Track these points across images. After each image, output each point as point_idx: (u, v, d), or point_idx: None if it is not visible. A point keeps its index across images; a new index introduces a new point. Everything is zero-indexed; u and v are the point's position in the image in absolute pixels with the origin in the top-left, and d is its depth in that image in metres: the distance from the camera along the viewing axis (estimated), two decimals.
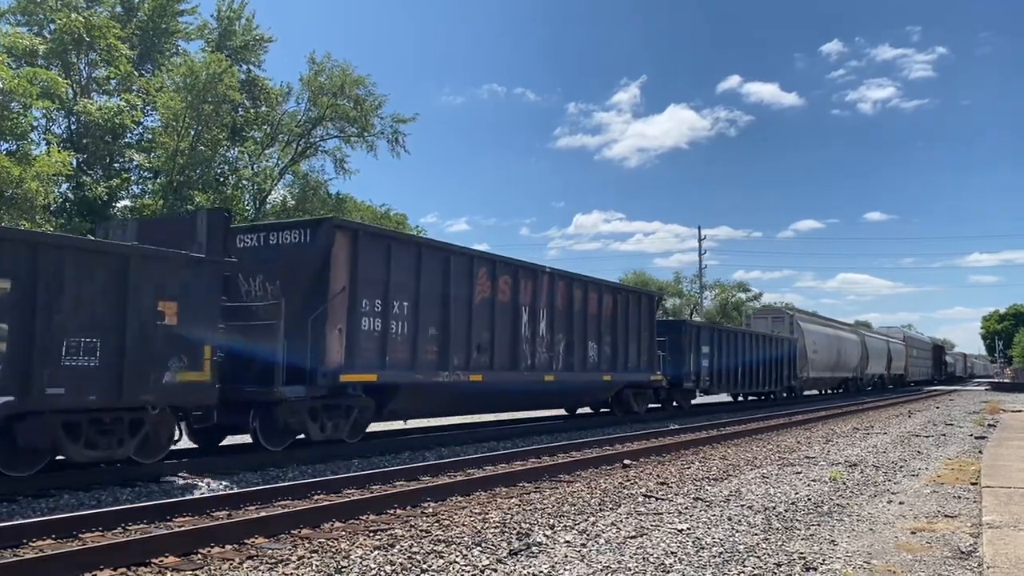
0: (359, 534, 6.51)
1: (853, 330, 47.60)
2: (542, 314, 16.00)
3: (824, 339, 37.99)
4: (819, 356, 36.70)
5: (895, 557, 6.01)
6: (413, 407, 13.39)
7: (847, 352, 41.87)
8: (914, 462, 12.18)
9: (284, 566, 5.46)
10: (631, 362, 19.57)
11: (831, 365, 39.07)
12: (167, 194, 29.15)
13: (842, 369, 41.43)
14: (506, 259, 15.66)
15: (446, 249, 13.75)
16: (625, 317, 19.41)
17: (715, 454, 12.90)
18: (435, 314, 13.08)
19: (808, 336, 35.40)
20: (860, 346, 44.86)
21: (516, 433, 15.89)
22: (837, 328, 43.79)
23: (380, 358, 11.90)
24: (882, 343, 52.36)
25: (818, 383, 39.32)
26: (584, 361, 17.48)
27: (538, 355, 15.79)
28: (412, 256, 12.76)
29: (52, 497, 8.04)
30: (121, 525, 6.64)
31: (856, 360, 43.75)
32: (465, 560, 5.67)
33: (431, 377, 12.85)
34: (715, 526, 7.02)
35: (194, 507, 7.33)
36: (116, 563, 5.38)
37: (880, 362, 50.30)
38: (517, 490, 8.98)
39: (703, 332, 24.99)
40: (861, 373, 45.34)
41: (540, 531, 6.68)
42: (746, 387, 28.39)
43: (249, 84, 34.16)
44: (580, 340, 17.36)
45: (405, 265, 12.52)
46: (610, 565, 5.61)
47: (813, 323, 38.94)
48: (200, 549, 5.87)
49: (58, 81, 26.12)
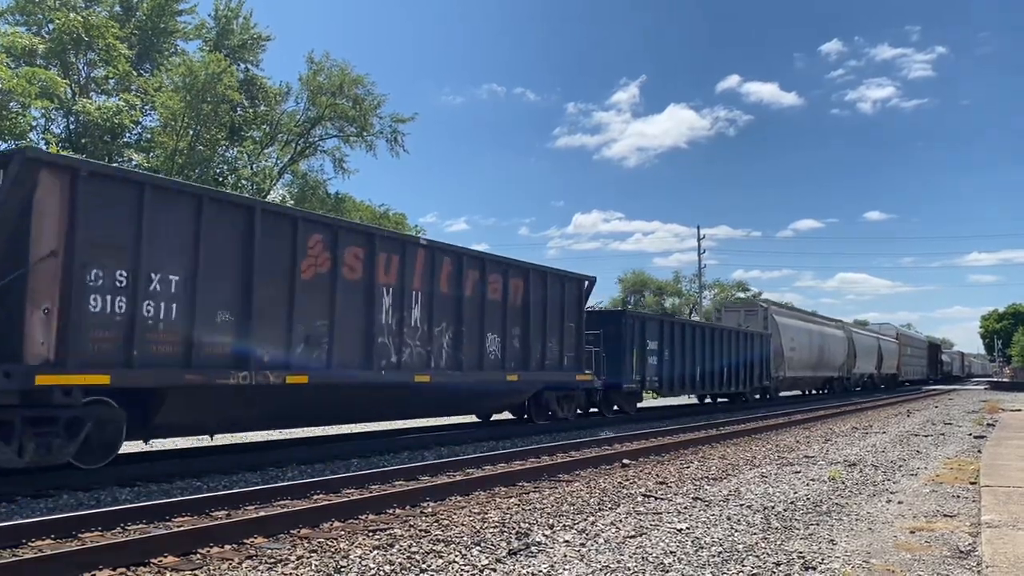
0: (358, 534, 6.51)
1: (839, 326, 44.27)
2: (415, 298, 12.90)
3: (804, 335, 35.40)
4: (798, 354, 33.92)
5: (894, 556, 6.01)
6: (196, 419, 10.29)
7: (831, 349, 39.13)
8: (913, 461, 12.18)
9: (283, 566, 5.46)
10: (550, 359, 16.40)
11: (812, 363, 36.43)
12: None
13: (825, 368, 38.69)
14: (357, 225, 12.93)
15: (248, 205, 10.59)
16: (542, 305, 16.15)
17: (714, 453, 12.90)
18: (228, 292, 9.94)
19: (785, 332, 32.63)
20: (846, 343, 42.42)
21: (516, 433, 15.89)
22: (820, 323, 41.01)
23: (124, 352, 8.77)
24: (872, 340, 49.69)
25: (798, 383, 36.55)
26: (480, 358, 14.39)
27: (407, 350, 12.73)
28: (186, 211, 9.51)
29: (51, 497, 8.04)
30: (120, 525, 6.63)
31: (842, 358, 41.22)
32: (464, 560, 5.67)
33: (219, 378, 9.67)
34: (714, 526, 7.02)
35: (193, 507, 7.33)
36: (115, 563, 5.37)
37: (869, 360, 47.91)
38: (516, 490, 8.98)
39: (649, 325, 21.67)
40: (848, 372, 42.85)
41: (539, 531, 6.68)
42: (709, 388, 25.67)
43: (248, 84, 34.14)
44: (474, 332, 14.23)
45: (174, 223, 9.34)
46: (609, 565, 5.61)
47: (791, 317, 35.98)
48: (199, 549, 5.86)
49: (57, 81, 26.11)
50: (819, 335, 37.90)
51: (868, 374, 48.34)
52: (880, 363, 50.22)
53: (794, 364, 33.39)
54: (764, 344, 29.89)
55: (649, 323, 21.88)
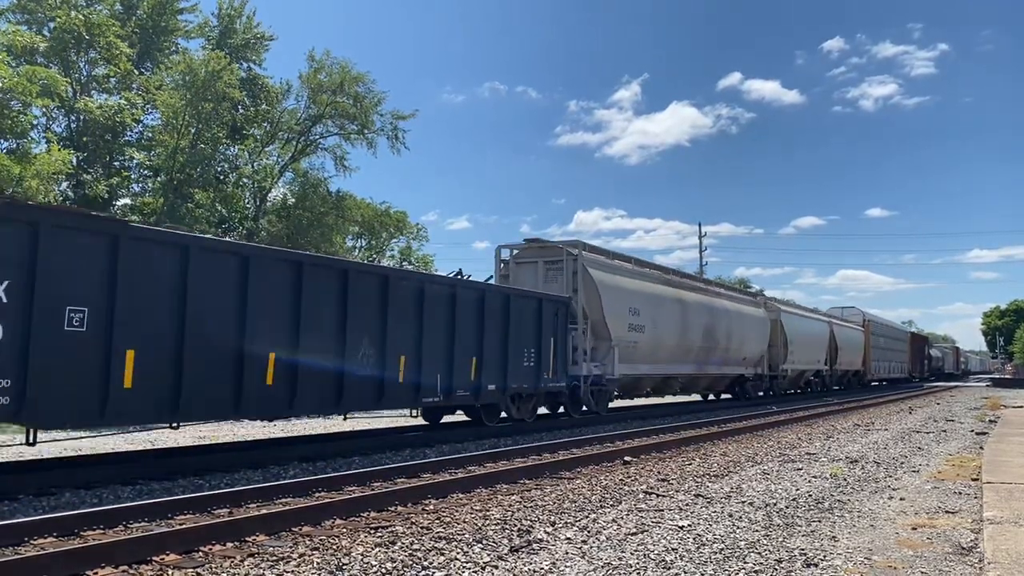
0: (360, 531, 6.52)
1: (753, 302, 30.63)
2: None
3: (666, 305, 21.76)
4: (653, 336, 20.61)
5: (896, 553, 6.01)
6: None
7: (736, 334, 26.11)
8: (915, 458, 12.18)
9: (285, 563, 5.46)
10: None
11: (687, 353, 22.89)
12: (167, 192, 29.16)
13: (721, 361, 25.37)
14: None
15: None
16: None
17: (716, 451, 12.90)
18: None
19: (616, 296, 19.16)
20: (764, 326, 29.36)
21: (517, 430, 15.89)
22: (707, 294, 25.66)
23: None
24: (819, 325, 37.23)
25: (657, 385, 22.55)
26: None
27: None
28: None
29: (53, 495, 8.05)
30: (122, 523, 6.64)
31: (758, 348, 28.55)
32: (466, 557, 5.67)
33: None
34: (716, 523, 7.02)
35: (195, 505, 7.34)
36: (117, 561, 5.38)
37: (814, 352, 35.42)
38: (518, 487, 8.98)
39: None
40: (774, 368, 30.26)
41: (541, 528, 6.68)
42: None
43: (249, 82, 34.13)
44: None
45: None
46: (611, 562, 5.61)
47: (635, 276, 21.07)
48: (201, 547, 5.87)
49: (58, 79, 26.08)
50: (704, 310, 24.12)
51: (814, 371, 36.23)
52: (833, 356, 38.63)
53: (643, 353, 20.28)
54: (563, 316, 17.29)
55: None
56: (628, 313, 19.62)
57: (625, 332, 19.38)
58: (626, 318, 19.49)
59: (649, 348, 20.67)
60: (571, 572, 5.35)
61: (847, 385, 43.02)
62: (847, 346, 41.08)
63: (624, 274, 20.61)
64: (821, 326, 37.63)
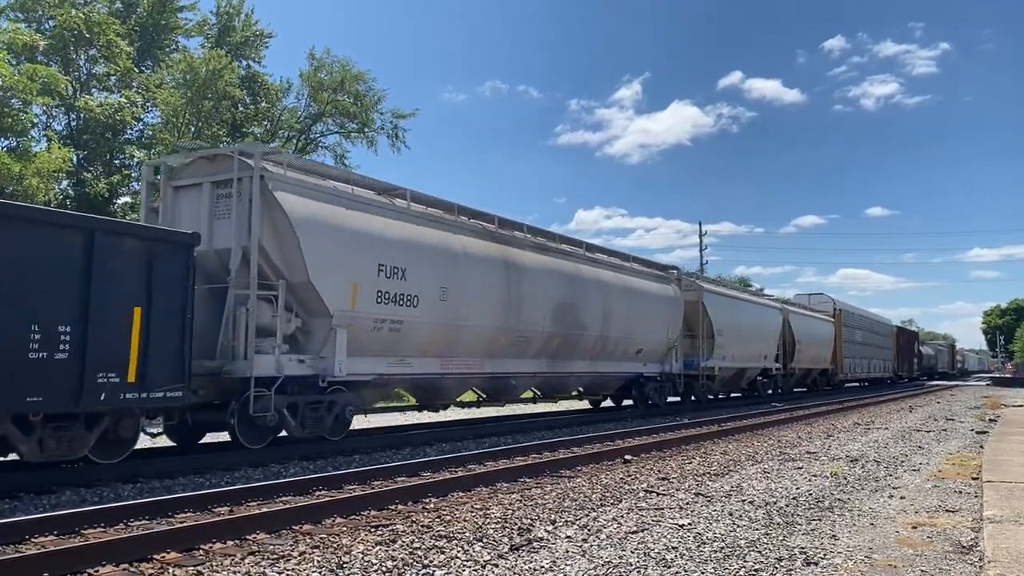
0: (360, 529, 6.52)
1: (659, 276, 21.93)
2: None
3: (474, 267, 13.93)
4: (443, 312, 13.13)
5: (896, 552, 6.01)
6: None
7: (622, 317, 18.63)
8: (915, 457, 12.18)
9: (286, 561, 5.46)
10: None
11: (524, 343, 15.36)
12: None
13: (596, 355, 18.05)
14: None
15: None
16: None
17: (716, 449, 12.90)
18: None
19: (338, 241, 11.40)
20: (680, 309, 22.00)
21: (517, 429, 15.89)
22: (569, 257, 17.49)
23: None
24: (766, 312, 29.72)
25: (456, 388, 14.66)
26: None
27: None
28: None
29: (54, 494, 8.06)
30: (123, 521, 6.65)
31: (662, 337, 21.00)
32: (466, 555, 5.67)
33: None
34: (716, 521, 7.02)
35: (196, 503, 7.34)
36: (118, 559, 5.39)
37: (757, 346, 28.00)
38: (518, 485, 8.98)
39: None
40: (694, 366, 22.96)
41: (541, 526, 6.69)
42: None
43: (249, 80, 34.14)
44: None
45: None
46: (611, 560, 5.61)
47: (398, 215, 12.77)
48: (202, 545, 5.87)
49: (58, 78, 26.07)
50: (552, 279, 16.23)
51: (761, 369, 28.88)
52: (791, 352, 31.79)
53: (409, 341, 12.66)
54: (170, 275, 9.25)
55: None
56: (376, 273, 11.92)
57: (371, 305, 11.83)
58: (371, 281, 11.83)
59: (432, 332, 13.01)
60: (571, 570, 5.36)
61: (812, 387, 36.72)
62: (810, 340, 34.07)
63: (366, 208, 12.26)
64: (768, 313, 30.04)
